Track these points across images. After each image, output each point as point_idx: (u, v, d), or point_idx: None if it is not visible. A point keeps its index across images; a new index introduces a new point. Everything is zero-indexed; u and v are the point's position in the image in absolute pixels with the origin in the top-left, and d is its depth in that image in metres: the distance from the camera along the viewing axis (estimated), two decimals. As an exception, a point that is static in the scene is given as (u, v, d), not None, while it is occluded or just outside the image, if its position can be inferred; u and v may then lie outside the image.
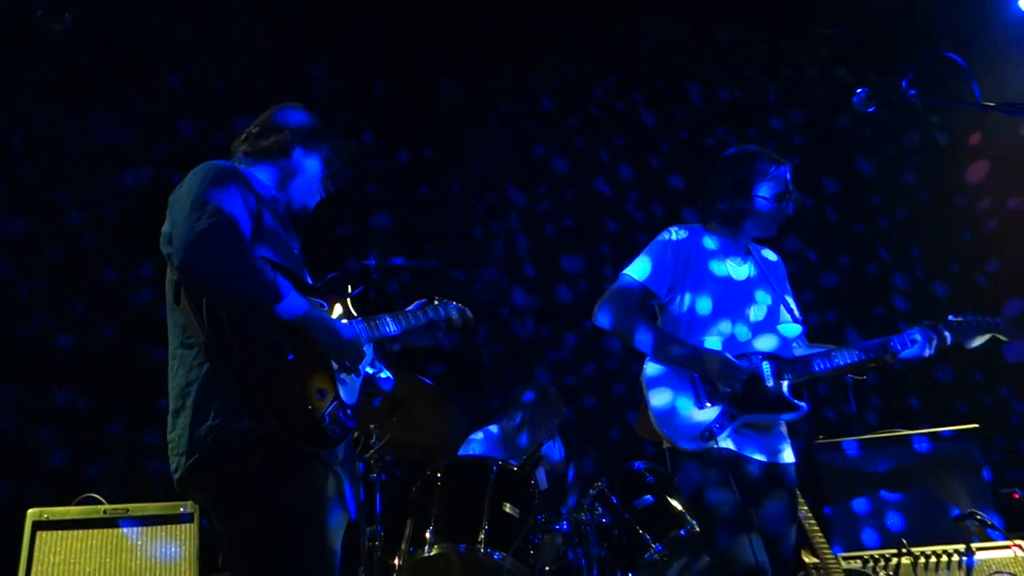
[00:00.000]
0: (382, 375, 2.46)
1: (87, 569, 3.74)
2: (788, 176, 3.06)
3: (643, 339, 2.91)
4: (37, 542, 3.73)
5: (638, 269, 3.01)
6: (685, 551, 3.76)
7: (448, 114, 6.21)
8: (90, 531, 3.80)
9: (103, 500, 3.94)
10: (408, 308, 2.69)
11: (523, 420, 4.73)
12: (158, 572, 3.81)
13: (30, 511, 3.77)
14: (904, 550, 3.90)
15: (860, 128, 6.55)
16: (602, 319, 2.97)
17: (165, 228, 2.25)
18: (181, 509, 3.97)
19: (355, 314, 2.44)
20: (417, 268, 5.49)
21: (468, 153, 6.24)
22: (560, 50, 6.35)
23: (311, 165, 2.52)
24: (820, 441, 4.47)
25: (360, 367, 2.30)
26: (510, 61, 6.29)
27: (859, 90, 2.82)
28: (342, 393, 2.21)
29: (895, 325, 5.97)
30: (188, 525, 3.94)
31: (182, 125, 5.52)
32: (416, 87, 6.19)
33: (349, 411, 2.22)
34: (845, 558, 4.03)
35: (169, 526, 3.90)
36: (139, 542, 3.85)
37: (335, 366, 2.23)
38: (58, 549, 3.74)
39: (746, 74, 6.69)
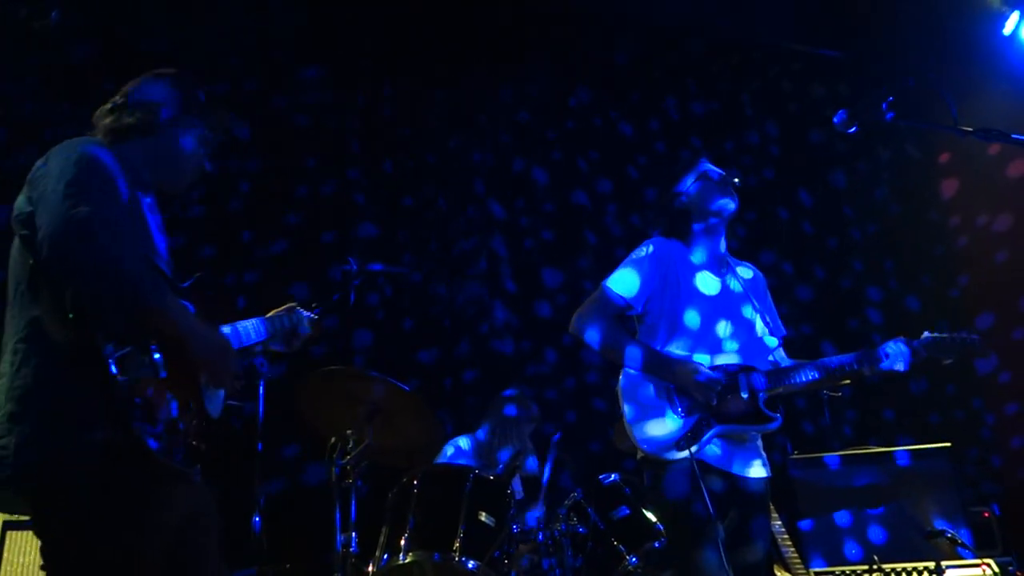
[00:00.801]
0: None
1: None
2: (709, 166, 3.19)
3: (620, 350, 2.96)
4: (7, 542, 3.69)
5: (618, 281, 3.06)
6: (659, 564, 3.76)
7: (427, 125, 6.22)
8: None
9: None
10: (269, 314, 2.62)
11: (498, 429, 4.74)
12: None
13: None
14: (876, 566, 3.93)
15: (834, 142, 6.63)
16: (584, 332, 3.01)
17: (21, 205, 2.03)
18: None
19: (213, 319, 2.30)
20: (396, 274, 5.49)
21: (447, 165, 6.26)
22: (534, 64, 6.39)
23: (183, 144, 2.30)
24: (795, 456, 4.50)
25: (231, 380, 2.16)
26: (485, 75, 6.31)
27: (840, 111, 2.87)
28: (208, 406, 2.09)
29: (870, 338, 6.06)
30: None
31: None
32: (399, 97, 6.20)
33: (211, 425, 2.11)
34: (818, 574, 4.06)
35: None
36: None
37: (204, 378, 2.08)
38: (28, 549, 3.70)
39: (720, 87, 6.75)
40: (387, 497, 3.76)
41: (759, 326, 3.13)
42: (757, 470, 2.95)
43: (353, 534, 3.57)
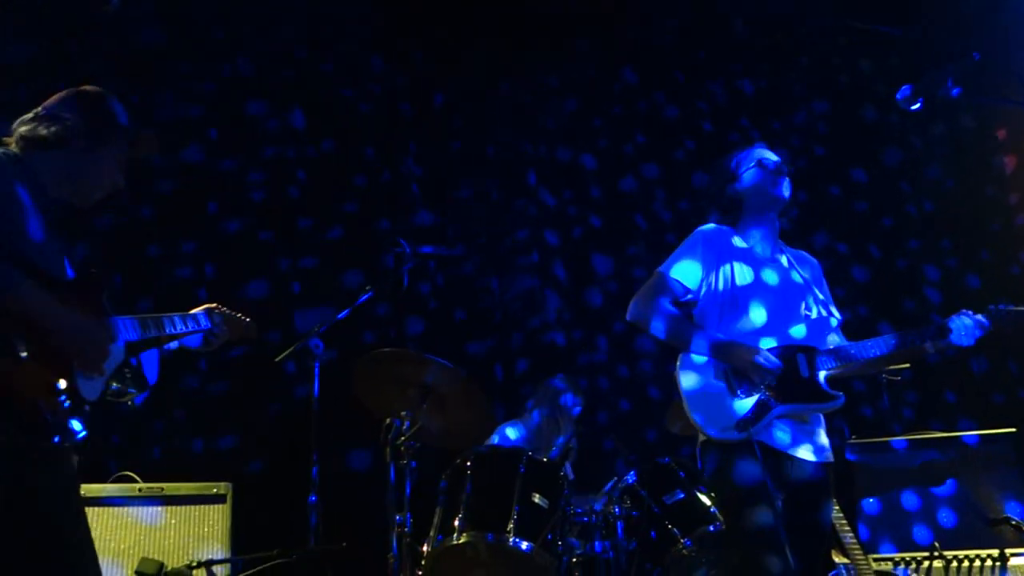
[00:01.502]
0: (128, 374, 2.45)
1: (122, 546, 3.83)
2: (765, 152, 3.14)
3: (677, 333, 2.95)
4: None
5: (677, 269, 3.05)
6: (714, 547, 3.74)
7: (478, 115, 6.22)
8: (126, 508, 3.88)
9: (138, 479, 4.01)
10: (190, 312, 2.71)
11: (546, 414, 4.77)
12: (191, 550, 3.88)
13: (68, 487, 3.85)
14: (936, 553, 3.85)
15: (886, 118, 6.47)
16: (654, 324, 2.99)
17: None
18: (214, 489, 4.04)
19: (110, 311, 2.37)
20: (447, 257, 5.53)
21: (499, 155, 6.26)
22: (577, 49, 6.34)
23: (91, 161, 2.37)
24: (854, 441, 4.43)
25: (107, 366, 2.25)
26: (528, 62, 6.28)
27: (904, 87, 2.78)
28: (82, 389, 2.16)
29: (929, 318, 5.91)
30: (222, 506, 4.01)
31: (245, 106, 5.62)
32: (453, 87, 6.22)
33: (87, 407, 2.17)
34: (876, 560, 3.99)
35: (202, 506, 3.97)
36: (173, 520, 3.92)
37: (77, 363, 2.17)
38: (95, 525, 3.81)
39: (766, 66, 6.62)
40: (440, 478, 3.79)
41: (817, 311, 3.08)
42: (819, 454, 2.90)
43: (408, 514, 3.61)
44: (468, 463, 3.72)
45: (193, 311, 2.74)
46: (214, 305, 2.77)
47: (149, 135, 2.52)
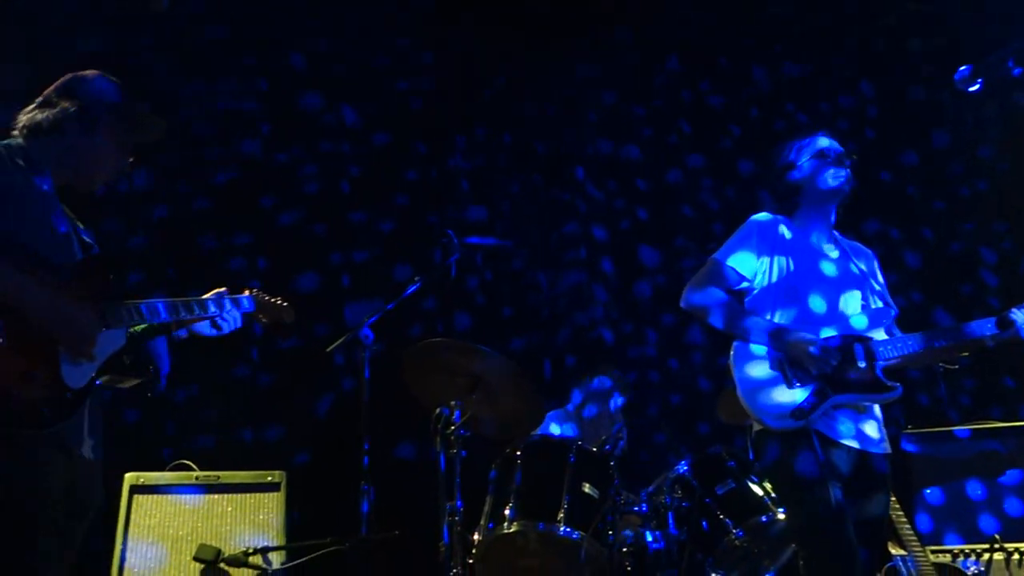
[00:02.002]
0: (127, 360, 2.37)
1: (180, 532, 3.91)
2: (826, 142, 3.10)
3: (732, 321, 2.93)
4: (134, 505, 3.91)
5: (734, 258, 3.03)
6: (766, 538, 3.71)
7: (522, 110, 6.22)
8: (183, 496, 3.97)
9: (195, 467, 4.10)
10: (204, 297, 2.65)
11: (591, 403, 4.77)
12: (247, 537, 3.96)
13: (127, 475, 3.96)
14: (996, 545, 3.77)
15: (935, 99, 6.30)
16: (694, 305, 3.00)
17: None
18: (269, 478, 4.11)
19: (117, 295, 2.35)
20: (494, 248, 5.54)
21: (548, 149, 6.25)
22: (618, 39, 6.28)
23: (91, 144, 2.38)
24: (911, 430, 4.35)
25: (97, 352, 2.22)
26: (568, 54, 6.24)
27: (962, 68, 2.71)
28: (65, 376, 2.14)
29: (985, 302, 5.78)
30: (276, 494, 4.08)
31: (300, 100, 5.70)
32: (486, 81, 6.22)
33: (69, 394, 2.14)
34: (934, 551, 3.92)
35: (258, 494, 4.05)
36: (229, 508, 4.00)
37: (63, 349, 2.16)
38: (153, 512, 3.91)
39: (811, 49, 6.48)
40: (490, 468, 3.81)
41: (872, 298, 3.05)
42: (876, 444, 2.87)
43: (459, 503, 3.64)
44: (518, 453, 3.74)
45: (203, 296, 2.70)
46: (223, 289, 2.74)
47: (151, 117, 2.51)
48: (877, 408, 2.93)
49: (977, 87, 2.72)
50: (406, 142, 5.93)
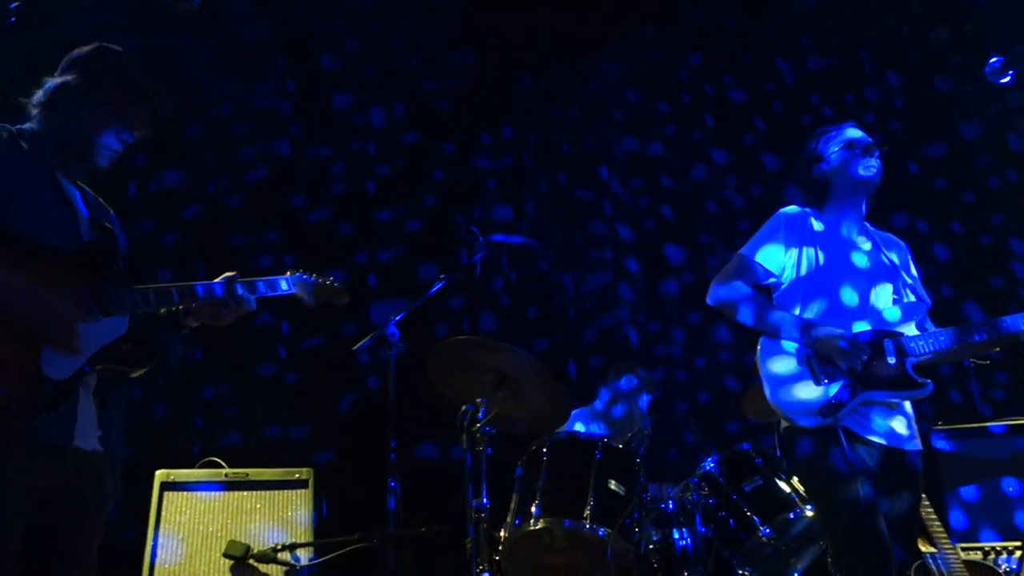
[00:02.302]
0: (127, 350, 2.24)
1: (210, 529, 3.95)
2: (855, 132, 3.06)
3: (760, 317, 2.89)
4: (164, 502, 3.96)
5: (762, 253, 3.00)
6: (794, 535, 3.68)
7: (547, 110, 6.22)
8: (213, 493, 4.01)
9: (224, 464, 4.14)
10: (209, 281, 2.50)
11: (616, 399, 4.76)
12: (275, 533, 3.99)
13: (158, 472, 4.01)
14: (1030, 543, 3.73)
15: (961, 88, 6.20)
16: (721, 301, 2.96)
17: None
18: (296, 475, 4.15)
19: (116, 282, 2.25)
20: (518, 246, 5.53)
21: (573, 149, 6.24)
22: (641, 35, 6.26)
23: (85, 116, 2.30)
24: (940, 427, 4.30)
25: (88, 341, 2.12)
26: (592, 52, 6.23)
27: (992, 59, 2.69)
28: (45, 367, 2.04)
29: (1016, 295, 5.70)
30: (304, 491, 4.11)
31: (330, 99, 5.76)
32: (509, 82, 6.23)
33: (49, 386, 2.04)
34: (965, 549, 3.88)
35: (286, 491, 4.08)
36: (258, 505, 4.04)
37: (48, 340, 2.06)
38: (184, 509, 3.96)
39: (834, 40, 6.41)
40: (516, 464, 3.81)
41: (905, 292, 3.01)
42: (907, 441, 2.83)
43: (485, 500, 3.65)
44: (544, 449, 3.74)
45: (213, 281, 2.53)
46: (233, 273, 2.56)
47: (152, 87, 2.40)
48: (908, 404, 2.89)
49: (1008, 79, 2.70)
50: (433, 142, 5.96)
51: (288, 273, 2.75)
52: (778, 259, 2.97)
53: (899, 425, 2.83)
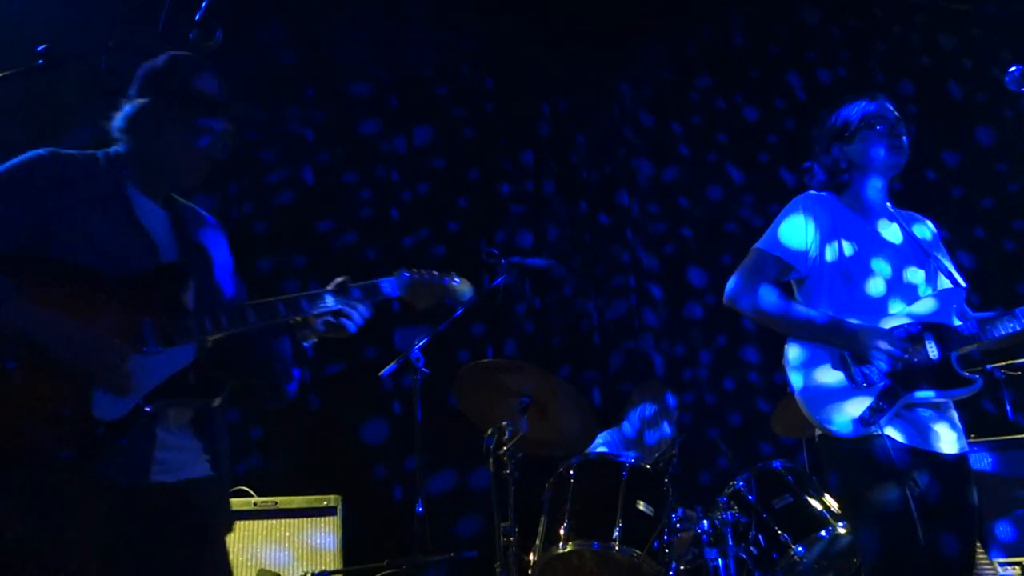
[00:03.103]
0: (192, 381, 2.08)
1: (240, 559, 3.96)
2: (888, 106, 2.81)
3: (785, 318, 2.64)
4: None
5: (774, 243, 2.74)
6: (826, 553, 3.64)
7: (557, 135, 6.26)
8: (242, 522, 4.02)
9: (253, 493, 4.15)
10: (315, 292, 2.30)
11: (648, 418, 4.73)
12: (305, 562, 4.00)
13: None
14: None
15: (975, 94, 6.16)
16: (740, 302, 2.71)
17: None
18: (324, 502, 4.15)
19: (179, 309, 2.10)
20: (539, 268, 5.53)
21: (592, 176, 6.26)
22: (650, 58, 6.29)
23: (156, 133, 2.20)
24: (972, 440, 4.24)
25: (144, 377, 1.99)
26: (600, 72, 6.27)
27: (1011, 68, 2.64)
28: (96, 408, 1.93)
29: None
30: (332, 518, 4.11)
31: (357, 126, 5.85)
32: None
33: (101, 428, 1.92)
34: (1002, 564, 3.81)
35: (315, 518, 4.09)
36: (287, 533, 4.04)
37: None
38: (214, 538, 3.96)
39: (844, 53, 6.39)
40: (544, 487, 3.80)
41: (940, 278, 2.78)
42: (954, 445, 2.57)
43: (513, 523, 3.63)
44: (571, 472, 3.72)
45: (319, 291, 2.33)
46: (343, 279, 2.36)
47: (213, 94, 2.25)
48: (952, 405, 2.63)
49: (1029, 87, 2.65)
50: (459, 168, 6.01)
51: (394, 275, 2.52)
52: (798, 251, 2.71)
53: (944, 428, 2.59)
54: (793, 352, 2.65)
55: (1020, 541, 4.01)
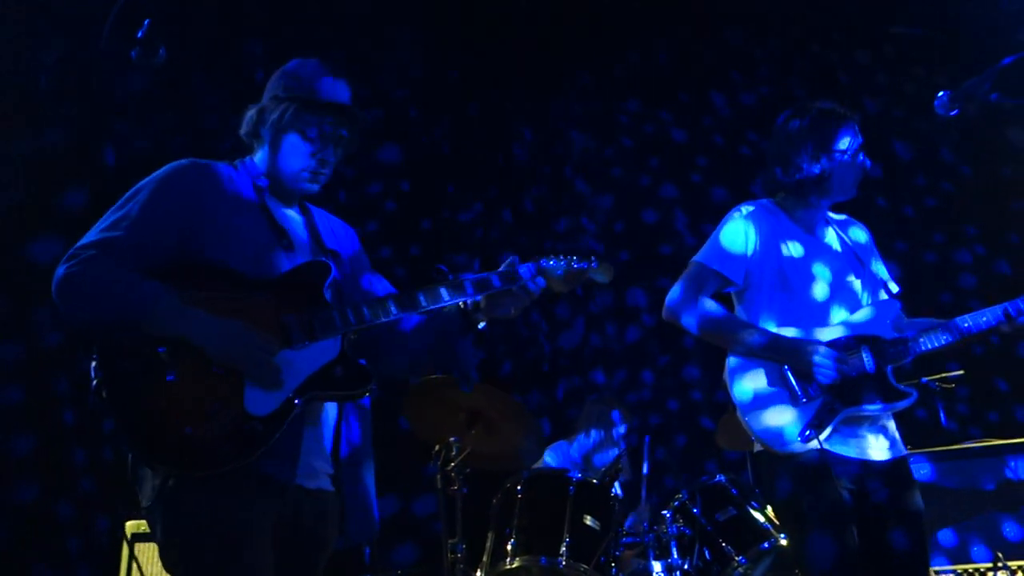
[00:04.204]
0: (340, 373, 2.09)
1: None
2: (849, 140, 2.80)
3: (725, 332, 2.66)
4: (137, 554, 3.87)
5: (711, 255, 2.75)
6: (769, 564, 3.70)
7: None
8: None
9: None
10: (495, 271, 2.27)
11: (593, 431, 4.77)
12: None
13: (128, 523, 3.92)
14: (1000, 564, 3.77)
15: (890, 109, 6.36)
16: (680, 317, 2.71)
17: None
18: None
19: (321, 303, 2.13)
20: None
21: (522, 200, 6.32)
22: (578, 81, 6.37)
23: (276, 141, 2.25)
24: (911, 451, 4.34)
25: (293, 371, 2.03)
26: (527, 101, 6.34)
27: (940, 93, 2.73)
28: (249, 404, 1.97)
29: (968, 308, 5.78)
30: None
31: None
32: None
33: (258, 423, 1.96)
34: (938, 572, 3.92)
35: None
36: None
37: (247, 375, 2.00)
38: (156, 560, 3.87)
39: (764, 72, 6.55)
40: (491, 503, 3.81)
41: (876, 289, 2.80)
42: (886, 452, 2.61)
43: (460, 540, 3.63)
44: (518, 487, 3.73)
45: (492, 272, 2.27)
46: (514, 256, 2.32)
47: (320, 99, 2.24)
48: (889, 416, 2.67)
49: (955, 112, 2.75)
50: (426, 192, 6.04)
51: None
52: (737, 263, 2.71)
53: (879, 437, 2.62)
54: (733, 367, 2.67)
55: (962, 548, 4.11)
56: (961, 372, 3.85)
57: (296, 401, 2.02)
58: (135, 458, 2.02)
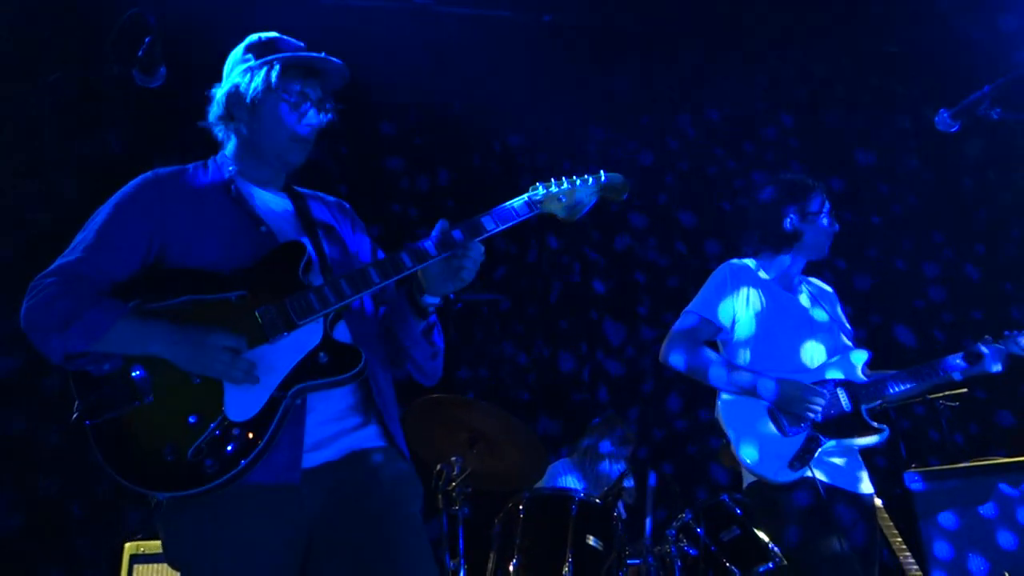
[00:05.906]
0: (324, 361, 1.97)
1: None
2: (825, 205, 3.19)
3: (717, 375, 2.98)
4: (134, 575, 3.84)
5: (701, 304, 3.10)
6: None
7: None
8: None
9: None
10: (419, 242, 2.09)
11: (597, 451, 4.75)
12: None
13: (127, 544, 3.89)
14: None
15: (852, 120, 6.44)
16: (675, 360, 3.04)
17: None
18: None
19: (298, 286, 2.01)
20: (484, 301, 5.53)
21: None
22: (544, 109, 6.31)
23: (266, 110, 2.15)
24: (914, 469, 4.32)
25: (267, 369, 1.92)
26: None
27: (941, 111, 2.79)
28: (229, 410, 1.88)
29: (938, 316, 5.89)
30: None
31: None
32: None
33: (242, 430, 1.86)
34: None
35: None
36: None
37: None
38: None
39: (725, 88, 6.51)
40: (493, 523, 3.78)
41: (845, 340, 3.16)
42: (865, 485, 2.96)
43: (461, 561, 3.60)
44: (520, 507, 3.70)
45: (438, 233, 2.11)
46: (443, 221, 2.13)
47: (304, 53, 2.19)
48: (857, 451, 2.99)
49: (956, 128, 2.80)
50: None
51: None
52: (727, 314, 3.07)
53: (857, 470, 2.95)
54: (724, 405, 3.00)
55: (959, 558, 4.08)
56: (965, 389, 3.84)
57: (283, 397, 1.91)
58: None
